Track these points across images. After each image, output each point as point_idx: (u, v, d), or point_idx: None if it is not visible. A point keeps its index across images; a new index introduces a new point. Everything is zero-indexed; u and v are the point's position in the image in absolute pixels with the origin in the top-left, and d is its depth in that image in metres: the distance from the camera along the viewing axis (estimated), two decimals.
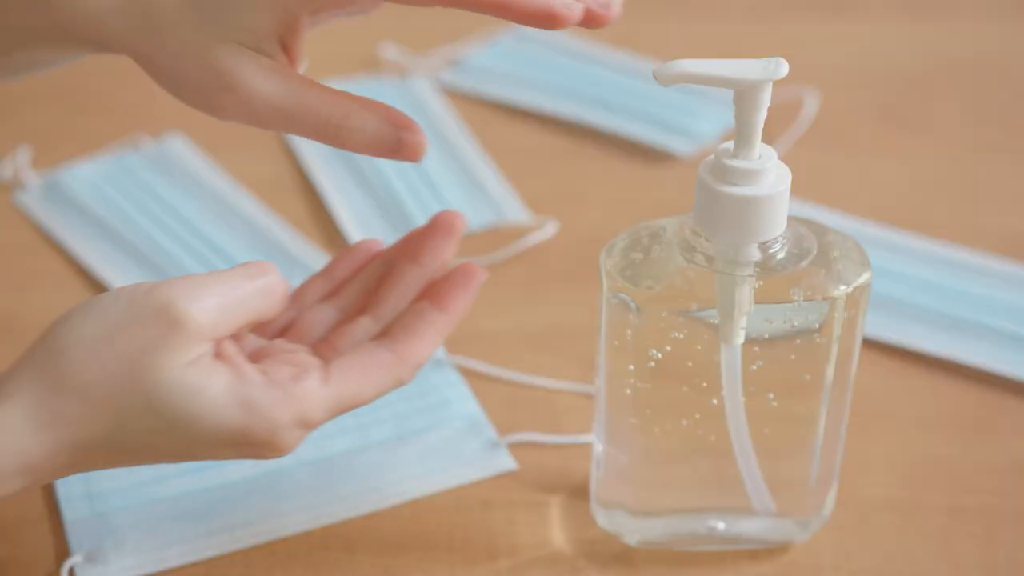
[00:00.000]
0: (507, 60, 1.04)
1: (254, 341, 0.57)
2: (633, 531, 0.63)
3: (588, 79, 1.01)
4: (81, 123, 0.97)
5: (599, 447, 0.62)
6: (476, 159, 0.92)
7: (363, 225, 0.85)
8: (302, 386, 0.52)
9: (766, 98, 0.52)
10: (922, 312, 0.78)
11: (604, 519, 0.64)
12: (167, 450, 0.51)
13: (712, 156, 0.54)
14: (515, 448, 0.69)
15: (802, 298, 0.55)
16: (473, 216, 0.86)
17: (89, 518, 0.63)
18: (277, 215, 0.86)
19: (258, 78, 0.54)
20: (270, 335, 0.58)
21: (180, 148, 0.92)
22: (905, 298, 0.79)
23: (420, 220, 0.85)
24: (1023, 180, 0.93)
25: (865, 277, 0.56)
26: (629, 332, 0.57)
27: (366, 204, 0.87)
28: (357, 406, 0.54)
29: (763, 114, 0.52)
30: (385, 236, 0.84)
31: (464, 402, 0.71)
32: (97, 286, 0.80)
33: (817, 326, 0.56)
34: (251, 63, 0.54)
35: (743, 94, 0.52)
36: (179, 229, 0.84)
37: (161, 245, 0.83)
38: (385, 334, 0.56)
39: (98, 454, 0.51)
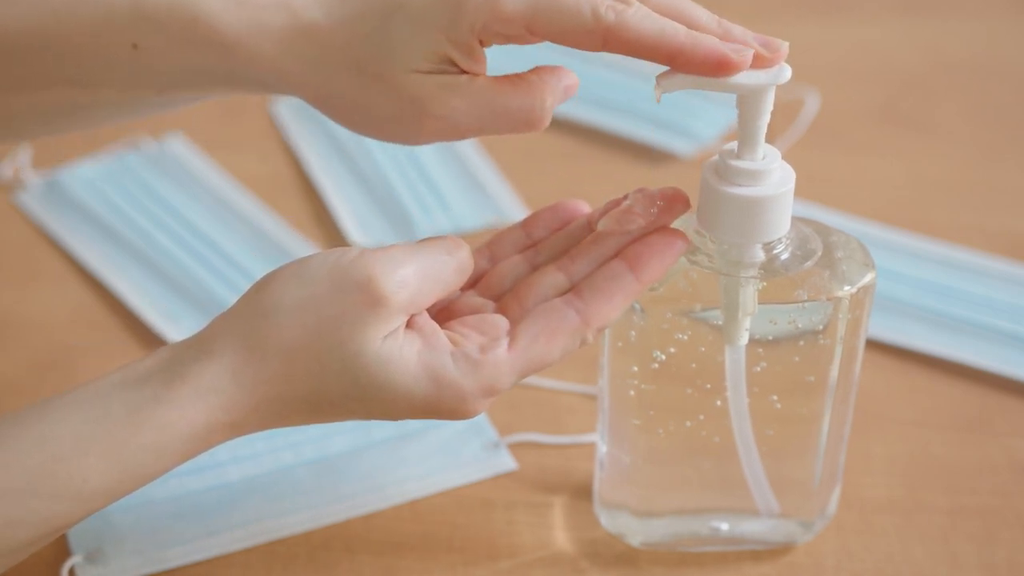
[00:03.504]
0: (508, 60, 1.03)
1: (452, 295, 0.57)
2: (636, 532, 0.63)
3: (588, 79, 1.01)
4: None
5: (602, 448, 0.62)
6: (476, 159, 0.92)
7: (363, 225, 0.85)
8: (490, 356, 0.52)
9: (770, 102, 0.52)
10: (923, 312, 0.78)
11: (607, 520, 0.64)
12: (359, 411, 0.53)
13: (716, 157, 0.54)
14: (516, 448, 0.69)
15: (806, 299, 0.55)
16: (473, 216, 0.86)
17: (89, 518, 0.63)
18: (277, 215, 0.86)
19: (450, 97, 0.53)
20: (464, 288, 0.58)
21: (180, 148, 0.92)
22: (906, 298, 0.79)
23: (420, 220, 0.85)
24: (1022, 180, 0.93)
25: (869, 278, 0.56)
26: (633, 333, 0.57)
27: (366, 204, 0.87)
28: (544, 368, 0.54)
29: (767, 117, 0.52)
30: (385, 236, 0.84)
31: None
32: (97, 286, 0.80)
33: (821, 327, 0.56)
34: (437, 85, 0.53)
35: (747, 99, 0.52)
36: (179, 229, 0.84)
37: (161, 245, 0.83)
38: (573, 291, 0.55)
39: (295, 412, 0.53)
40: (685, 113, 0.96)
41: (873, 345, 0.75)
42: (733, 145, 0.54)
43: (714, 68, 0.51)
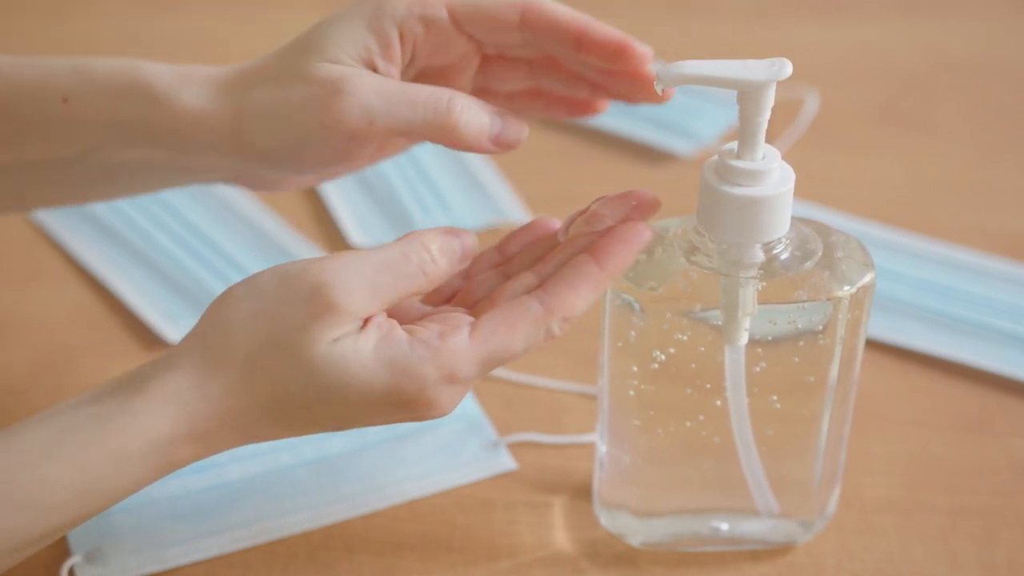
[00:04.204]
0: None
1: (420, 309, 0.57)
2: (636, 532, 0.63)
3: None
4: None
5: (602, 448, 0.62)
6: (476, 159, 0.92)
7: (363, 225, 0.85)
8: (449, 342, 0.52)
9: (770, 99, 0.52)
10: (923, 312, 0.78)
11: (607, 520, 0.64)
12: (327, 417, 0.53)
13: (716, 156, 0.54)
14: (515, 448, 0.69)
15: (806, 299, 0.55)
16: (473, 216, 0.86)
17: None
18: (277, 215, 0.86)
19: (363, 77, 0.56)
20: (437, 302, 0.59)
21: None
22: (906, 298, 0.79)
23: (420, 220, 0.85)
24: (1022, 180, 0.93)
25: (868, 278, 0.56)
26: (633, 333, 0.57)
27: (366, 204, 0.87)
28: (508, 359, 0.53)
29: (767, 115, 0.52)
30: (385, 236, 0.84)
31: (464, 402, 0.71)
32: (97, 286, 0.80)
33: (821, 327, 0.56)
34: (352, 69, 0.56)
35: (747, 95, 0.52)
36: (179, 229, 0.84)
37: (161, 245, 0.83)
38: (540, 286, 0.55)
39: (262, 424, 0.53)
40: (685, 113, 0.96)
41: (873, 345, 0.75)
42: (733, 145, 0.54)
43: (616, 51, 0.57)
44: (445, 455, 0.68)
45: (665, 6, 1.13)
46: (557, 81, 0.62)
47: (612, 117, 0.96)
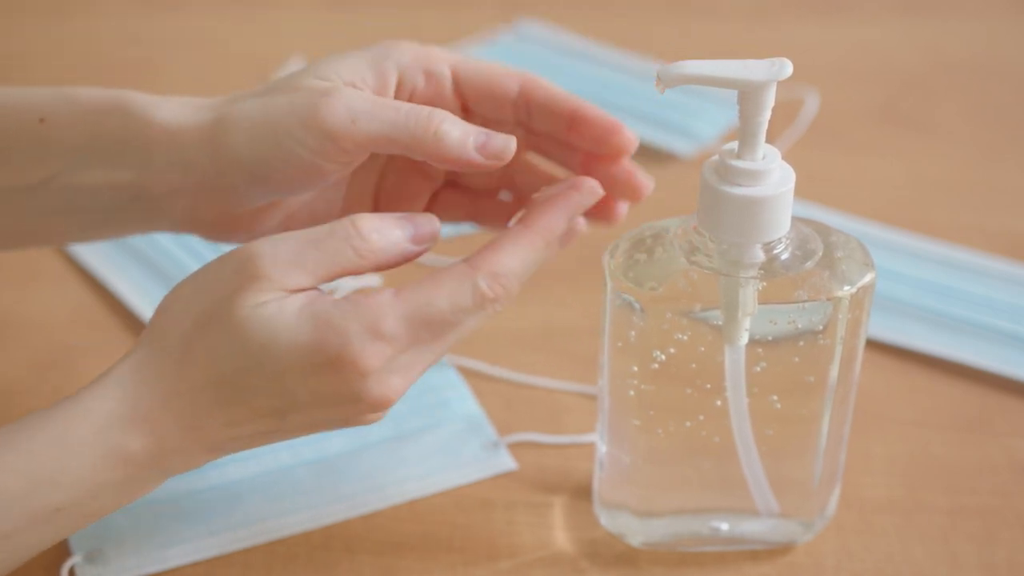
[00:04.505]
0: (507, 60, 1.04)
1: None
2: (637, 532, 0.63)
3: (588, 79, 1.01)
4: None
5: (602, 448, 0.62)
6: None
7: None
8: (372, 297, 0.52)
9: (770, 98, 0.52)
10: (923, 312, 0.78)
11: (607, 520, 0.64)
12: (262, 392, 0.53)
13: (716, 156, 0.54)
14: (515, 448, 0.69)
15: (806, 299, 0.55)
16: None
17: None
18: None
19: (350, 93, 0.56)
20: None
21: None
22: (906, 298, 0.79)
23: None
24: (1022, 180, 0.93)
25: (869, 278, 0.56)
26: (633, 333, 0.57)
27: None
28: (435, 318, 0.53)
29: (767, 114, 0.52)
30: None
31: (464, 402, 0.71)
32: (97, 286, 0.80)
33: (821, 327, 0.56)
34: (339, 86, 0.57)
35: (748, 95, 0.52)
36: None
37: (161, 245, 0.83)
38: None
39: (202, 407, 0.53)
40: (685, 113, 0.96)
41: (873, 345, 0.75)
42: (733, 145, 0.54)
43: (607, 131, 0.60)
44: (445, 455, 0.68)
45: (665, 6, 1.13)
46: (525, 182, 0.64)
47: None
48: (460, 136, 0.55)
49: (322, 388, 0.53)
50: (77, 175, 0.59)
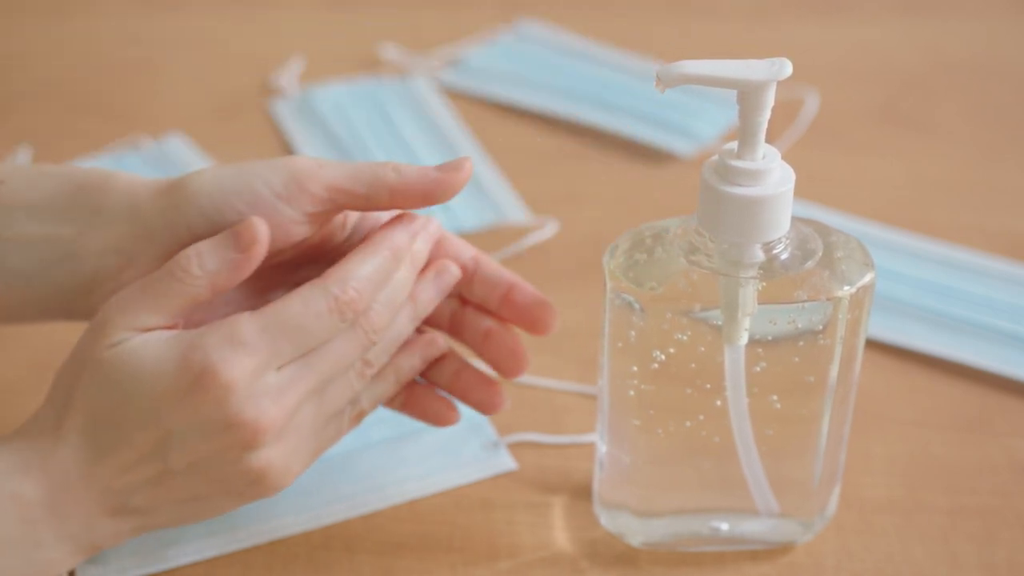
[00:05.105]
0: (507, 60, 1.04)
1: None
2: (637, 532, 0.63)
3: (588, 79, 1.01)
4: (81, 123, 0.97)
5: (602, 448, 0.62)
6: (476, 159, 0.92)
7: None
8: (231, 316, 0.54)
9: (770, 98, 0.52)
10: (923, 312, 0.78)
11: (607, 520, 0.64)
12: (140, 424, 0.54)
13: (716, 156, 0.54)
14: (515, 448, 0.69)
15: (806, 299, 0.55)
16: (473, 216, 0.86)
17: None
18: None
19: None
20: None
21: (179, 148, 0.92)
22: (906, 298, 0.79)
23: None
24: (1022, 180, 0.93)
25: (868, 277, 0.56)
26: (633, 333, 0.57)
27: None
28: (290, 321, 0.54)
29: (767, 114, 0.52)
30: None
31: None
32: None
33: (821, 327, 0.56)
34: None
35: (747, 95, 0.52)
36: None
37: None
38: None
39: (95, 456, 0.54)
40: (685, 113, 0.96)
41: (873, 345, 0.75)
42: (733, 145, 0.54)
43: (539, 305, 0.63)
44: (445, 455, 0.68)
45: (665, 6, 1.13)
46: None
47: (612, 117, 0.96)
48: (417, 168, 0.57)
49: (194, 413, 0.54)
50: (17, 227, 0.58)
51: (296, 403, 0.55)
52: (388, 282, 0.57)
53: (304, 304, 0.54)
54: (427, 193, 0.57)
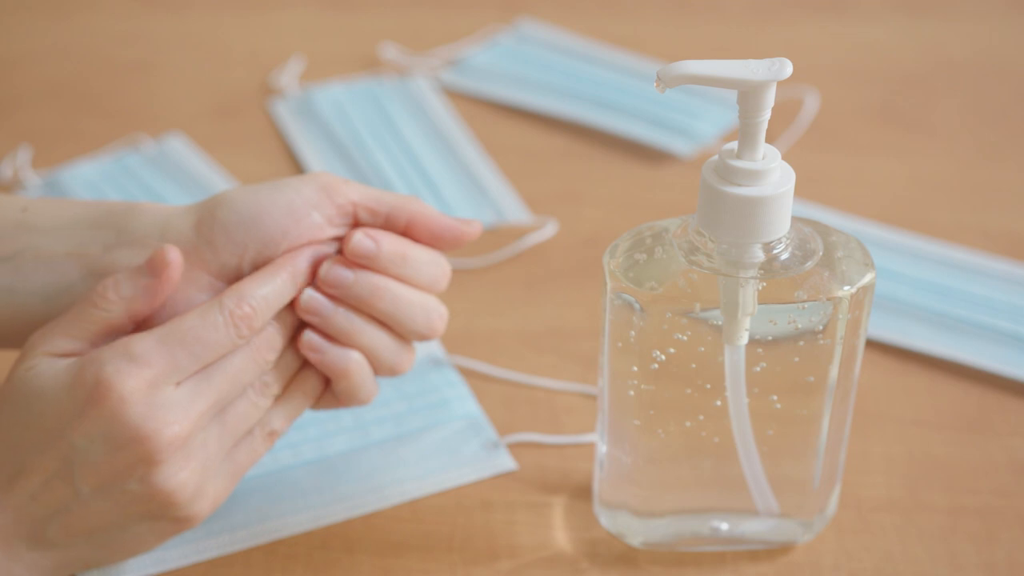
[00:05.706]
0: (507, 60, 1.04)
1: None
2: (637, 532, 0.63)
3: (588, 79, 1.01)
4: (81, 123, 0.97)
5: (602, 448, 0.62)
6: (476, 159, 0.92)
7: None
8: (130, 336, 0.55)
9: (770, 98, 0.52)
10: (923, 312, 0.78)
11: (607, 520, 0.64)
12: (43, 444, 0.54)
13: (716, 156, 0.54)
14: (515, 448, 0.69)
15: (806, 299, 0.55)
16: (473, 216, 0.86)
17: None
18: None
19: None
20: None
21: (179, 148, 0.92)
22: (905, 298, 0.79)
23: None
24: (1022, 180, 0.93)
25: (869, 278, 0.56)
26: (633, 333, 0.57)
27: None
28: (187, 334, 0.55)
29: (767, 114, 0.52)
30: None
31: (464, 402, 0.71)
32: None
33: (821, 327, 0.56)
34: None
35: (747, 95, 0.52)
36: None
37: None
38: None
39: (7, 481, 0.55)
40: (685, 113, 0.96)
41: (873, 345, 0.75)
42: (733, 145, 0.54)
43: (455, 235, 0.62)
44: (445, 455, 0.68)
45: (665, 6, 1.13)
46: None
47: (612, 117, 0.96)
48: (437, 210, 0.61)
49: (92, 427, 0.54)
50: (39, 246, 0.59)
51: (197, 418, 0.55)
52: (283, 304, 0.58)
53: (201, 317, 0.56)
54: (438, 234, 0.60)
